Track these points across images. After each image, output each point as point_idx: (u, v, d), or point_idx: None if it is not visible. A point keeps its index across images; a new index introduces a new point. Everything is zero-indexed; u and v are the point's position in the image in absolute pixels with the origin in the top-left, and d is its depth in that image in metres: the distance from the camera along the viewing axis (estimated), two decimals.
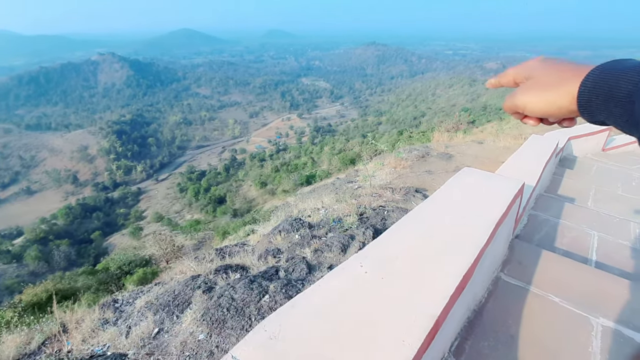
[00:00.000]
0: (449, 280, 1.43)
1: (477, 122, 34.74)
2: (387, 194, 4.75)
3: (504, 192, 2.19)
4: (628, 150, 6.78)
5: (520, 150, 3.95)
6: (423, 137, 20.47)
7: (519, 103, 0.52)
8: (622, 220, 3.16)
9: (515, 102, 0.53)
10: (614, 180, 4.67)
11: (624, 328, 1.74)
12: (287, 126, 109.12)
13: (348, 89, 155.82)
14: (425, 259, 1.55)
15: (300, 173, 34.55)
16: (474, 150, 7.43)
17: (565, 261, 2.33)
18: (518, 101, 0.52)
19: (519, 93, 0.52)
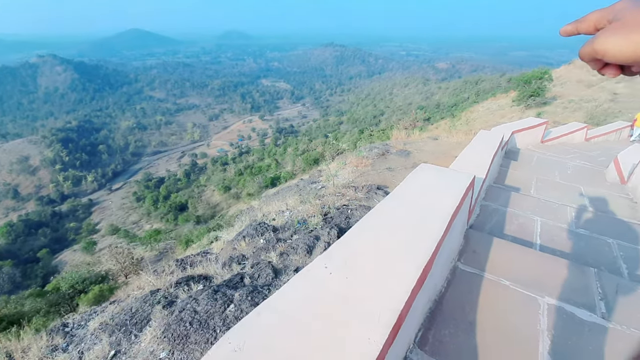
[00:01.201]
0: (410, 274, 1.47)
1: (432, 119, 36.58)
2: (350, 193, 4.82)
3: (457, 186, 2.31)
4: (562, 141, 7.52)
5: (470, 145, 4.20)
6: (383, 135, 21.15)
7: (599, 48, 0.45)
8: (561, 206, 3.48)
9: (595, 47, 0.46)
10: (552, 169, 5.13)
11: (566, 304, 1.91)
12: (249, 128, 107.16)
13: (309, 89, 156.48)
14: (387, 255, 1.59)
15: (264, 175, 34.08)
16: (430, 147, 7.80)
17: (514, 247, 2.52)
18: (598, 45, 0.45)
19: (600, 36, 0.45)
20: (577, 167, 5.37)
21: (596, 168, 5.34)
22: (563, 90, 23.79)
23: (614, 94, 20.84)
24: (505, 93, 30.26)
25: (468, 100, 51.60)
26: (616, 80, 22.98)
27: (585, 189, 4.22)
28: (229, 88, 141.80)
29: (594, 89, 23.07)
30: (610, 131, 9.79)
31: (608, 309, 1.88)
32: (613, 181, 4.69)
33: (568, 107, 19.53)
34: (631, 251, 2.65)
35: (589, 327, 1.75)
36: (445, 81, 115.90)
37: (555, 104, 20.56)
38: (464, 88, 77.13)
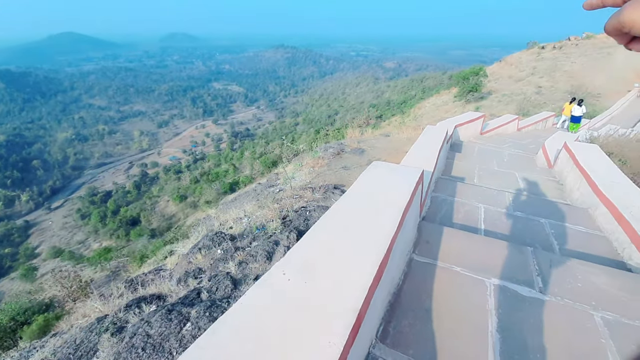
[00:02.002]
0: (367, 271, 1.50)
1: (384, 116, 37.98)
2: (307, 194, 4.82)
3: (407, 181, 2.40)
4: (498, 132, 8.22)
5: (418, 141, 4.41)
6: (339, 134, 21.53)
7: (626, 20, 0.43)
8: (500, 192, 3.79)
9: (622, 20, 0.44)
10: (491, 158, 5.58)
11: (509, 283, 2.08)
12: (203, 134, 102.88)
13: (262, 92, 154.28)
14: (344, 254, 1.60)
15: (222, 181, 33.01)
16: (383, 143, 8.09)
17: (462, 234, 2.68)
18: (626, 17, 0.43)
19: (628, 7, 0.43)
20: (512, 155, 5.90)
21: (528, 155, 5.91)
22: (497, 85, 26.04)
23: (538, 87, 23.27)
24: (447, 89, 32.38)
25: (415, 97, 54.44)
26: (539, 75, 25.70)
27: (520, 175, 4.65)
28: (178, 93, 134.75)
29: (522, 83, 25.56)
30: (537, 121, 10.90)
31: (544, 284, 2.07)
32: (542, 166, 5.22)
33: (502, 101, 21.43)
34: (560, 228, 2.96)
35: (529, 302, 1.92)
36: (394, 80, 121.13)
37: (491, 98, 22.44)
38: (411, 86, 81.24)
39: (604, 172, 3.55)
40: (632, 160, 5.19)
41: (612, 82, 22.45)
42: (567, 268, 2.22)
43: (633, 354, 1.62)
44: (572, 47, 30.94)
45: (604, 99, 19.44)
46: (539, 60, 29.82)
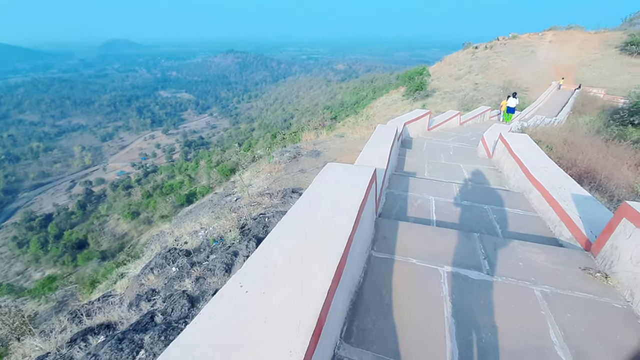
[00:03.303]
0: (325, 274, 1.49)
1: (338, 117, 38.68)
2: (265, 200, 4.74)
3: (361, 180, 2.45)
4: (443, 127, 8.76)
5: (370, 140, 4.53)
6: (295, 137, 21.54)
7: None
8: (448, 183, 4.03)
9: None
10: (438, 152, 5.92)
11: (460, 269, 2.20)
12: (153, 145, 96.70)
13: (214, 98, 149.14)
14: (302, 259, 1.58)
15: (177, 193, 31.33)
16: (338, 144, 8.22)
17: (416, 227, 2.80)
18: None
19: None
20: (457, 148, 6.32)
21: (470, 147, 6.37)
22: (439, 83, 27.80)
23: (475, 84, 25.27)
24: (396, 89, 33.88)
25: (367, 98, 56.21)
26: (475, 73, 27.92)
27: (464, 166, 4.99)
28: (122, 103, 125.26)
29: (461, 80, 27.57)
30: (476, 115, 11.81)
31: (491, 266, 2.23)
32: (483, 156, 5.66)
33: (445, 98, 22.93)
34: (501, 212, 3.22)
35: (479, 285, 2.06)
36: (345, 81, 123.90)
37: (435, 96, 23.91)
38: (362, 87, 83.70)
39: (535, 158, 3.93)
40: (556, 146, 5.82)
41: (536, 77, 25.10)
42: (510, 249, 2.41)
43: (571, 322, 1.79)
44: (501, 46, 34.06)
45: (531, 93, 21.66)
46: (474, 59, 32.40)
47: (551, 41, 32.75)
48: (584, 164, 5.02)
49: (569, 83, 24.05)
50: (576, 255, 2.37)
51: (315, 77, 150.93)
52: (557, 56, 29.35)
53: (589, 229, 2.50)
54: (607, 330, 1.75)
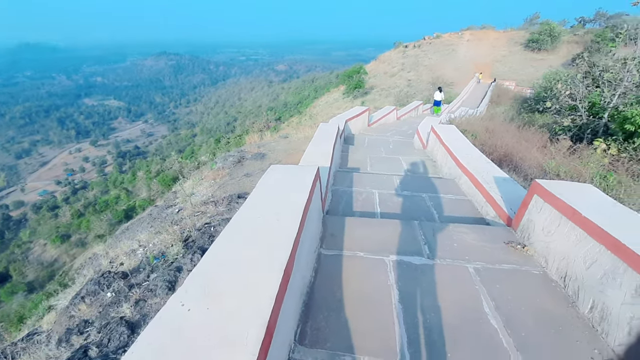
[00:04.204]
0: (273, 279, 1.45)
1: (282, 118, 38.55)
2: (210, 209, 4.52)
3: (304, 180, 2.45)
4: (382, 122, 9.20)
5: (313, 139, 4.57)
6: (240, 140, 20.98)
7: None
8: (389, 176, 4.24)
9: None
10: (379, 147, 6.20)
11: (404, 257, 2.32)
12: (80, 159, 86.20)
13: (148, 104, 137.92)
14: (248, 266, 1.52)
15: (114, 210, 28.50)
16: (283, 145, 8.17)
17: (362, 221, 2.89)
18: None
19: None
20: (396, 141, 6.69)
21: (407, 140, 6.78)
22: (376, 81, 29.16)
23: (408, 80, 27.00)
24: (336, 87, 34.76)
25: (309, 97, 56.84)
26: (407, 70, 29.83)
27: (403, 158, 5.29)
28: (39, 114, 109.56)
29: (395, 77, 29.25)
30: (411, 109, 12.62)
31: (430, 250, 2.39)
32: (419, 148, 6.06)
33: (382, 94, 24.13)
34: (437, 199, 3.47)
35: (421, 269, 2.19)
36: (287, 82, 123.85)
37: (373, 93, 25.04)
38: (304, 86, 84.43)
39: (462, 147, 4.31)
40: (480, 134, 6.46)
41: (459, 73, 27.65)
42: (446, 232, 2.61)
43: (501, 294, 1.99)
44: (427, 45, 36.86)
45: (456, 87, 23.80)
46: (405, 57, 34.59)
47: (469, 40, 36.31)
48: (502, 149, 5.65)
49: (486, 77, 26.91)
50: (500, 231, 2.65)
51: (256, 79, 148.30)
52: (474, 53, 32.62)
53: (509, 207, 2.81)
54: (529, 295, 1.98)
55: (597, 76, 7.78)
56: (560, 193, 2.19)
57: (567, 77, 9.50)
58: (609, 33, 24.29)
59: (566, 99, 7.94)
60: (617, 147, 5.56)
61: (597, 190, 2.29)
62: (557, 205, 2.17)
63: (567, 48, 30.67)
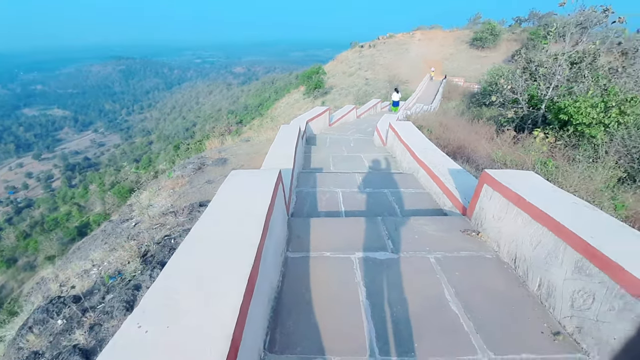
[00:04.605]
0: (237, 290, 1.41)
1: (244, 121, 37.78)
2: (170, 220, 4.31)
3: (266, 184, 2.41)
4: (342, 121, 9.34)
5: (275, 141, 4.53)
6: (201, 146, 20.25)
7: None
8: (351, 174, 4.31)
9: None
10: (340, 145, 6.28)
11: (369, 253, 2.37)
12: (22, 175, 77.58)
13: (97, 112, 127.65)
14: (210, 278, 1.47)
15: (65, 227, 26.19)
16: (245, 149, 7.99)
17: (327, 220, 2.91)
18: None
19: None
20: (357, 140, 6.82)
21: (368, 138, 6.94)
22: (335, 80, 29.57)
23: (366, 79, 27.68)
24: (296, 88, 34.75)
25: (270, 99, 56.28)
26: (365, 69, 30.57)
27: (364, 156, 5.41)
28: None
29: (353, 77, 29.85)
30: (370, 107, 12.95)
31: (394, 244, 2.46)
32: (379, 145, 6.22)
33: (342, 93, 24.52)
34: (398, 194, 3.59)
35: (386, 264, 2.25)
36: (246, 84, 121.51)
37: (333, 92, 25.37)
38: (264, 88, 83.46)
39: (418, 142, 4.50)
40: (435, 129, 6.79)
41: (413, 71, 28.87)
42: (407, 226, 2.70)
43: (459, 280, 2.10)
44: (382, 45, 38.06)
45: (411, 84, 24.81)
46: (361, 57, 35.45)
47: (420, 39, 38.04)
48: (455, 142, 5.98)
49: (438, 74, 28.35)
50: (457, 220, 2.79)
51: (214, 82, 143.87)
52: (426, 52, 34.24)
53: (463, 197, 2.98)
54: (484, 278, 2.11)
55: (534, 71, 8.51)
56: (507, 181, 2.36)
57: (508, 72, 10.28)
58: (542, 31, 26.72)
59: (508, 92, 8.59)
60: (554, 136, 6.12)
61: (538, 177, 2.49)
62: (504, 193, 2.34)
63: (507, 45, 33.25)
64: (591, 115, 6.19)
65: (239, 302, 1.35)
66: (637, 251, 1.57)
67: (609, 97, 6.34)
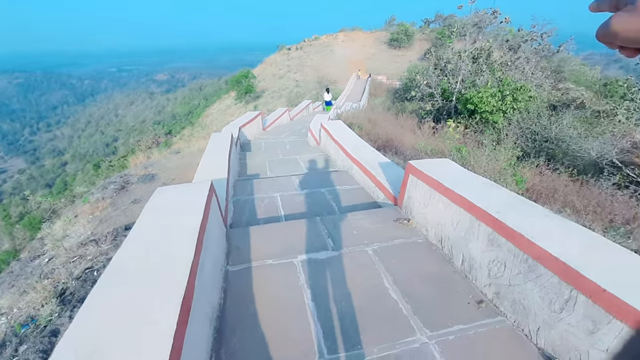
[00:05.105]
0: (169, 318, 1.31)
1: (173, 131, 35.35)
2: (91, 250, 3.83)
3: (197, 198, 2.28)
4: (276, 124, 9.29)
5: (206, 151, 4.32)
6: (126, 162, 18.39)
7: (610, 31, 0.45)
8: (289, 177, 4.30)
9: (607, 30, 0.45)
10: (276, 149, 6.24)
11: (311, 254, 2.39)
12: None
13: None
14: (137, 310, 1.33)
15: None
16: (174, 162, 7.47)
17: (267, 227, 2.86)
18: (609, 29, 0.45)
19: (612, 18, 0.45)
20: (292, 142, 6.84)
21: (302, 139, 7.01)
22: (266, 84, 29.30)
23: (296, 81, 27.95)
24: (227, 94, 33.60)
25: (200, 106, 53.50)
26: (294, 72, 30.85)
27: (300, 157, 5.45)
28: None
29: (284, 79, 29.92)
30: (302, 109, 13.09)
31: (334, 242, 2.52)
32: (313, 145, 6.33)
33: (274, 97, 24.39)
34: (335, 192, 3.69)
35: (328, 263, 2.29)
36: (172, 92, 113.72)
37: (265, 96, 25.11)
38: (192, 95, 79.10)
39: (350, 139, 4.68)
40: (364, 125, 7.13)
41: (341, 71, 29.98)
42: (346, 222, 2.79)
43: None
44: (308, 47, 38.79)
45: (339, 84, 25.74)
46: (290, 59, 35.68)
47: (343, 41, 39.66)
48: (384, 136, 6.36)
49: (363, 73, 29.86)
50: (390, 211, 2.97)
51: (134, 91, 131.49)
52: (350, 52, 35.84)
53: (394, 188, 3.18)
54: (417, 262, 2.28)
55: (443, 67, 9.48)
56: (427, 170, 2.58)
57: (422, 69, 11.29)
58: (447, 31, 29.84)
59: (425, 87, 9.44)
60: (464, 124, 6.88)
61: (453, 163, 2.77)
62: (426, 181, 2.55)
63: (420, 45, 36.47)
64: (492, 104, 7.11)
65: (171, 331, 1.25)
66: (533, 220, 1.84)
67: (504, 87, 7.36)
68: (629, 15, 0.42)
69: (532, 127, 7.01)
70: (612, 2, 0.46)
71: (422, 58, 28.14)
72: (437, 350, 1.62)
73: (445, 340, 1.68)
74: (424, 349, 1.63)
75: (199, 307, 1.61)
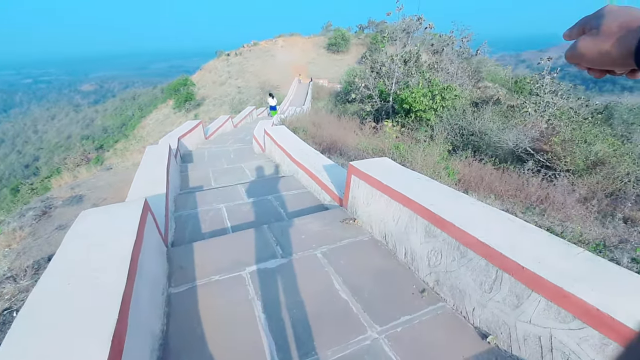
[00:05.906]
0: (96, 357, 1.18)
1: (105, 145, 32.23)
2: (9, 288, 3.31)
3: (129, 220, 2.09)
4: (219, 132, 8.96)
5: (141, 166, 4.00)
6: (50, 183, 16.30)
7: (576, 53, 0.50)
8: (234, 187, 4.17)
9: (574, 52, 0.50)
10: (220, 158, 6.01)
11: (260, 264, 2.33)
12: None
13: None
14: (63, 352, 1.18)
15: None
16: (106, 179, 6.82)
17: (212, 242, 2.73)
18: (576, 51, 0.50)
19: (578, 42, 0.50)
20: (236, 150, 6.65)
21: (247, 147, 6.85)
22: (206, 91, 28.17)
23: (238, 87, 27.32)
24: (164, 103, 31.59)
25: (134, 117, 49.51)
26: (235, 78, 30.11)
27: (245, 165, 5.32)
28: None
29: (225, 86, 29.05)
30: (246, 115, 12.84)
31: (283, 249, 2.49)
32: (259, 152, 6.22)
33: (216, 104, 23.54)
34: (281, 198, 3.66)
35: (278, 271, 2.25)
36: (101, 103, 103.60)
37: (206, 103, 24.12)
38: (125, 106, 73.00)
39: (294, 144, 4.68)
40: (309, 129, 7.20)
41: (282, 76, 29.99)
42: (293, 228, 2.78)
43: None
44: (248, 52, 38.18)
45: (282, 89, 25.74)
46: (230, 65, 34.76)
47: (282, 46, 39.78)
48: (328, 138, 6.48)
49: (305, 77, 30.24)
50: (336, 212, 3.03)
51: (55, 104, 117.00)
52: (290, 58, 36.07)
53: (339, 189, 3.25)
54: (364, 259, 2.35)
55: (379, 70, 9.99)
56: (367, 169, 2.68)
57: (360, 72, 11.78)
58: (379, 36, 31.57)
59: (364, 89, 9.85)
60: (402, 123, 7.32)
61: (390, 161, 2.92)
62: (367, 180, 2.65)
63: (357, 49, 38.03)
64: (424, 103, 7.67)
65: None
66: (461, 209, 2.00)
67: (433, 87, 7.99)
68: (592, 38, 0.48)
69: (460, 123, 7.73)
70: (580, 28, 0.52)
71: (360, 61, 29.36)
72: (387, 344, 1.68)
73: (394, 333, 1.75)
74: (375, 344, 1.68)
75: (135, 341, 1.47)
